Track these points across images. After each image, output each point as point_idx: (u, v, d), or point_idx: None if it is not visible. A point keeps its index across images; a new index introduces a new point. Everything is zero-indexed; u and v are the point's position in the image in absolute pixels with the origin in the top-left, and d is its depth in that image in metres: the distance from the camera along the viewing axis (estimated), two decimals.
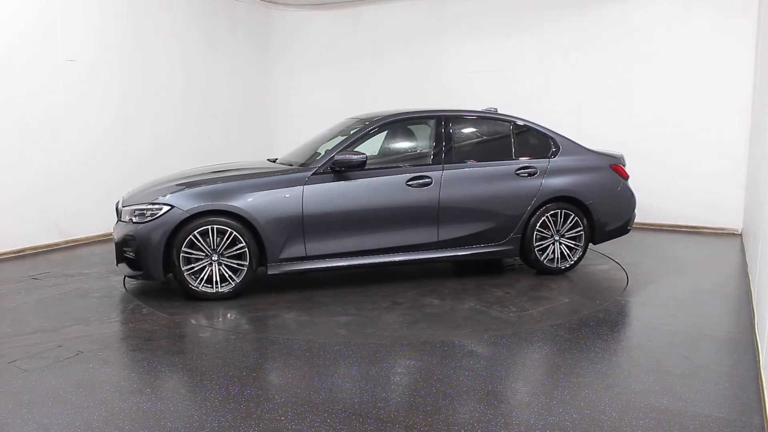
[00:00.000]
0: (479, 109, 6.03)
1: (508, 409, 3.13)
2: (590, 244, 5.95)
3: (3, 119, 6.53)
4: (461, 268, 6.13)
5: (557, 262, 5.74)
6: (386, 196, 5.27)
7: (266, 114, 10.37)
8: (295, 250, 5.07)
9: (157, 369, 3.67)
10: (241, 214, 4.89)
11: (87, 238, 7.46)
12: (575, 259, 5.79)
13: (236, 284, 4.98)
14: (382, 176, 5.31)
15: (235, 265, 4.97)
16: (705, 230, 8.03)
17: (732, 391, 3.35)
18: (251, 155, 9.46)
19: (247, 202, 4.92)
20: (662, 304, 4.97)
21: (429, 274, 5.88)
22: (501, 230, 5.57)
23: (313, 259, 5.14)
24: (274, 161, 5.90)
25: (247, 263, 4.96)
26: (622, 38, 8.25)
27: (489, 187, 5.53)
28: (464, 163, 5.59)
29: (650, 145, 8.02)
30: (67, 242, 7.23)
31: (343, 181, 5.20)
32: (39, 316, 4.59)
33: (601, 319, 4.54)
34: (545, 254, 5.70)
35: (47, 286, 5.42)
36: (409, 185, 5.32)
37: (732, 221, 7.88)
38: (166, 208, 4.85)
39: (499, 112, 6.07)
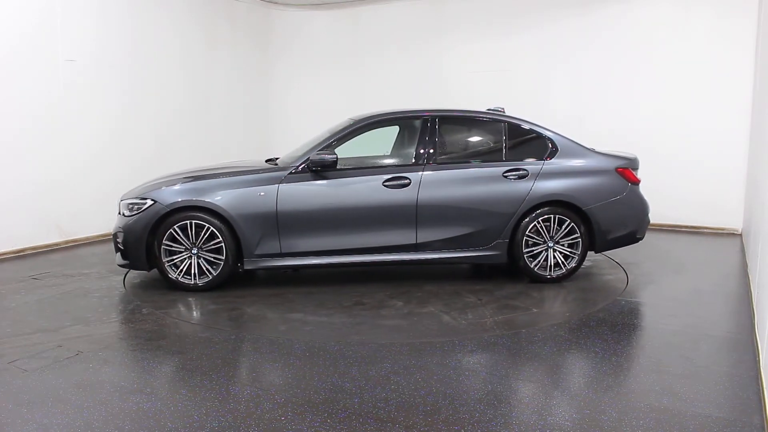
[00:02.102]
0: (473, 109, 5.84)
1: (508, 409, 3.13)
2: (592, 252, 5.67)
3: (3, 119, 6.52)
4: (466, 272, 6.12)
5: (550, 270, 5.45)
6: (361, 196, 5.27)
7: (266, 114, 10.37)
8: (270, 246, 5.21)
9: (157, 369, 3.67)
10: (217, 210, 5.12)
11: (87, 238, 7.46)
12: (568, 267, 5.45)
13: (213, 277, 5.19)
14: (360, 176, 5.33)
15: (213, 259, 5.18)
16: (705, 230, 8.03)
17: (732, 391, 3.35)
18: (252, 155, 9.47)
19: (224, 199, 5.14)
20: (662, 304, 4.97)
21: (417, 275, 5.83)
22: (485, 234, 5.37)
23: (287, 256, 5.25)
24: (273, 161, 5.91)
25: (223, 258, 5.15)
26: (622, 38, 8.25)
27: (472, 189, 5.34)
28: (448, 164, 5.43)
29: (650, 145, 8.02)
30: (67, 242, 7.23)
31: (319, 181, 5.27)
32: (39, 316, 4.59)
33: (601, 319, 4.54)
34: (537, 261, 5.43)
35: (47, 286, 5.42)
36: (386, 186, 5.28)
37: (732, 221, 7.88)
38: (149, 203, 5.17)
39: (506, 112, 5.93)
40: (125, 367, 3.70)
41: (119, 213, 5.38)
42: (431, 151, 5.44)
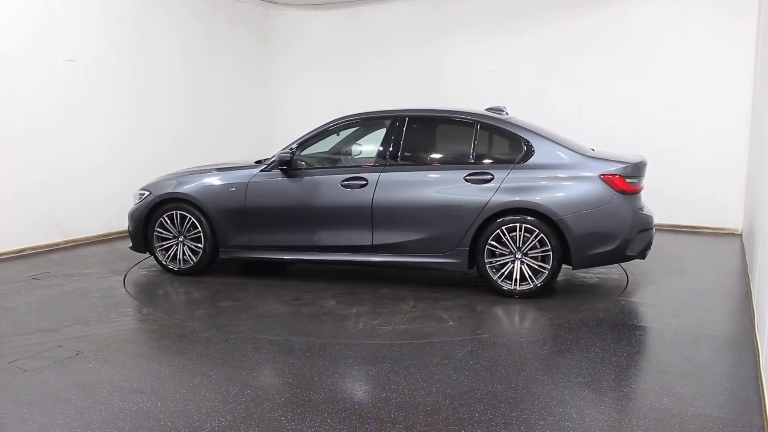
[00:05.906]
0: (449, 108, 5.54)
1: (508, 409, 3.13)
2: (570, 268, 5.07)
3: (3, 119, 6.52)
4: (451, 278, 6.07)
5: (516, 284, 4.97)
6: (320, 195, 5.35)
7: (266, 114, 10.37)
8: (241, 239, 5.57)
9: (157, 369, 3.67)
10: (195, 202, 5.60)
11: (87, 238, 7.46)
12: (536, 283, 4.92)
13: (194, 263, 5.68)
14: (322, 176, 5.41)
15: (195, 248, 5.66)
16: (705, 230, 8.03)
17: (732, 391, 3.35)
18: (252, 155, 9.44)
19: (202, 193, 5.60)
20: (662, 304, 4.97)
21: (391, 278, 5.73)
22: (443, 240, 5.08)
23: (256, 249, 5.56)
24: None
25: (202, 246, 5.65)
26: (623, 39, 8.24)
27: (428, 192, 5.09)
28: (408, 165, 5.27)
29: (650, 144, 7.99)
30: (67, 242, 7.23)
31: (284, 179, 5.47)
32: (39, 316, 4.59)
33: (601, 319, 4.54)
34: (501, 273, 4.99)
35: (47, 286, 5.42)
36: (343, 186, 5.27)
37: (732, 221, 7.88)
38: (146, 194, 5.79)
39: (507, 111, 5.71)
40: (125, 367, 3.70)
41: None
42: (393, 151, 5.32)
